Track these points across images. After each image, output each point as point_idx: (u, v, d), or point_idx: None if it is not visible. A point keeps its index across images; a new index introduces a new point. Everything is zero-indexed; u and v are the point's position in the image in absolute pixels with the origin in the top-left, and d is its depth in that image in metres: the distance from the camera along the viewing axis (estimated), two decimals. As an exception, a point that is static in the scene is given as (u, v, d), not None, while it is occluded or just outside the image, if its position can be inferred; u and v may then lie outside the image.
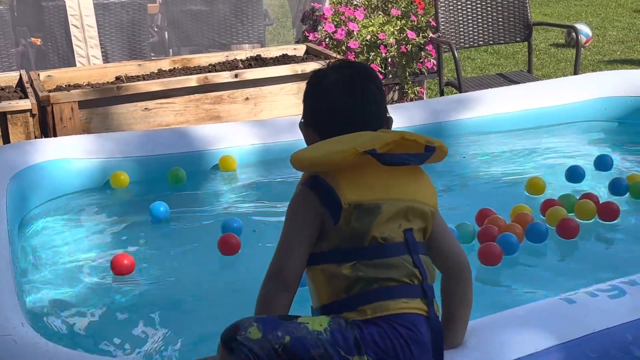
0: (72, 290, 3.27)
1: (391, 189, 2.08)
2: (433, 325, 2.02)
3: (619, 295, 2.40)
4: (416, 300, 2.02)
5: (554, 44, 9.17)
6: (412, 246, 2.06)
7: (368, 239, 2.04)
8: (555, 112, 5.03)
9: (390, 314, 1.98)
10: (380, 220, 2.04)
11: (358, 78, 2.16)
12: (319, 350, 1.94)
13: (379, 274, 2.01)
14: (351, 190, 2.05)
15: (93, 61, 5.87)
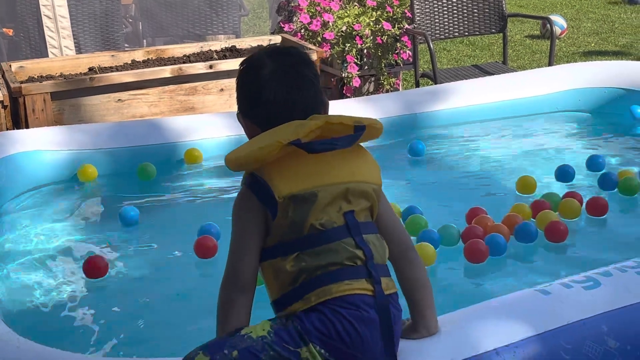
0: (44, 285, 3.23)
1: (325, 175, 2.06)
2: (380, 304, 2.00)
3: (594, 287, 2.41)
4: (360, 281, 2.01)
5: (529, 35, 9.21)
6: (353, 228, 2.05)
7: (307, 228, 2.03)
8: (530, 103, 5.05)
9: (333, 298, 1.97)
10: (317, 207, 2.03)
11: (294, 65, 2.13)
12: (267, 353, 1.95)
13: (321, 260, 2.01)
14: (284, 183, 2.04)
15: (66, 52, 5.79)
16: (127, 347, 2.75)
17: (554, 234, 3.36)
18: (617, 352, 2.30)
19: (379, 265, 2.06)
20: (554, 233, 3.36)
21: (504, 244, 3.27)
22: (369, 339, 1.99)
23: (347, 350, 1.97)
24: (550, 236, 3.37)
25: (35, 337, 2.42)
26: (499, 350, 2.13)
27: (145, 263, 3.42)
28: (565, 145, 4.68)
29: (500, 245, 3.25)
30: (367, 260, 2.03)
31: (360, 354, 1.98)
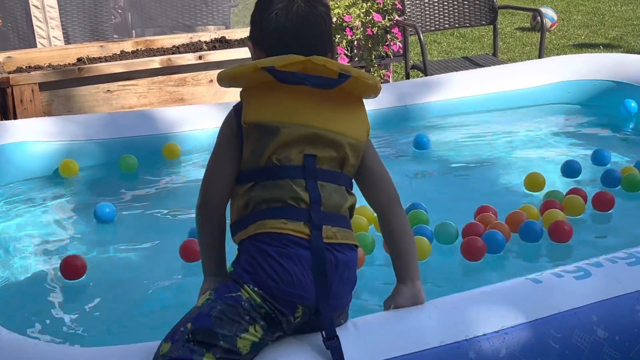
0: (30, 279, 3.21)
1: (296, 114, 2.10)
2: (315, 250, 2.03)
3: (584, 277, 2.41)
4: (297, 223, 2.04)
5: (520, 27, 9.22)
6: (309, 171, 2.07)
7: (264, 160, 2.08)
8: (520, 95, 5.05)
9: (266, 232, 2.03)
10: (278, 142, 2.07)
11: (310, 1, 2.16)
12: (215, 309, 1.99)
13: (267, 194, 2.06)
14: (252, 110, 2.09)
15: (54, 42, 5.76)
16: (107, 337, 2.73)
17: (558, 234, 3.22)
18: (606, 342, 2.30)
19: (328, 213, 2.08)
20: (559, 233, 3.22)
21: (502, 241, 3.14)
22: (299, 276, 2.02)
23: (277, 285, 2.01)
24: (554, 236, 3.23)
25: (12, 329, 2.40)
26: (488, 335, 2.14)
27: (130, 256, 3.40)
28: (559, 138, 4.68)
29: (498, 242, 3.12)
30: (311, 205, 2.05)
31: (293, 289, 2.01)
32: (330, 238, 2.07)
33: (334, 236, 2.07)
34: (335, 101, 2.14)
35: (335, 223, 2.09)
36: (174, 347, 1.95)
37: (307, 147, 2.09)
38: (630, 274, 2.47)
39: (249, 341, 1.99)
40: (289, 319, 2.03)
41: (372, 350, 2.07)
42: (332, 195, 2.10)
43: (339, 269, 2.07)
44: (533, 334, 2.18)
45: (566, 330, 2.25)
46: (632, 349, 2.35)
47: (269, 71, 2.06)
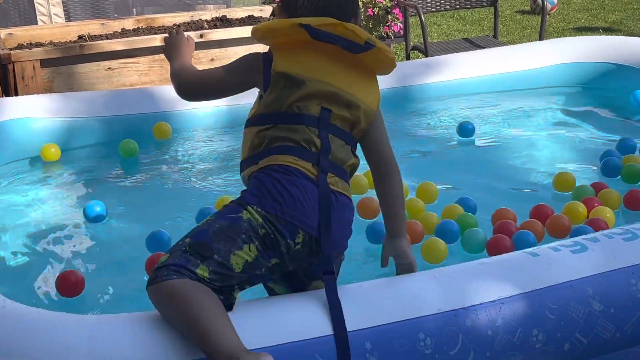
0: (39, 252, 3.24)
1: (321, 71, 2.27)
2: (321, 191, 2.16)
3: (581, 251, 2.44)
4: (307, 163, 2.19)
5: (520, 10, 9.21)
6: (323, 122, 2.23)
7: (286, 106, 2.23)
8: (520, 77, 5.06)
9: (274, 164, 2.19)
10: (301, 93, 2.23)
11: None
12: (213, 227, 2.12)
13: (283, 134, 2.22)
14: (283, 61, 2.26)
15: (55, 20, 5.76)
16: (115, 307, 2.77)
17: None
18: (601, 314, 2.34)
19: (334, 163, 2.23)
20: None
21: (533, 243, 2.94)
22: (304, 203, 2.14)
23: (281, 207, 2.12)
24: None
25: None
26: (485, 304, 2.18)
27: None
28: (559, 120, 4.69)
29: (529, 244, 2.90)
30: (321, 151, 2.21)
31: (296, 212, 2.13)
32: (333, 185, 2.21)
33: (336, 184, 2.22)
34: (356, 69, 2.30)
35: (338, 174, 2.24)
36: (171, 256, 2.07)
37: (325, 102, 2.24)
38: (627, 248, 2.50)
39: (242, 259, 2.08)
40: (289, 242, 2.12)
41: (370, 315, 2.11)
42: (339, 149, 2.25)
43: (340, 210, 2.20)
44: (529, 304, 2.22)
45: (562, 301, 2.28)
46: (627, 322, 2.38)
47: (305, 28, 2.22)
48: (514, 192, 3.68)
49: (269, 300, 2.22)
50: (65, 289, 2.81)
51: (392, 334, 2.09)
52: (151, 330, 2.05)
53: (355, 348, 2.06)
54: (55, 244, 3.29)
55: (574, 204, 3.27)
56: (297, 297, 2.21)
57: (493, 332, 2.19)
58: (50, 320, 2.17)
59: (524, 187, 3.74)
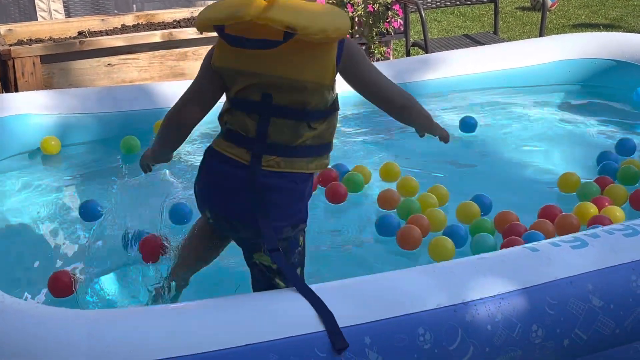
0: (33, 246, 3.24)
1: (253, 62, 2.28)
2: (249, 175, 2.31)
3: (581, 247, 2.44)
4: (240, 149, 2.33)
5: (520, 7, 9.20)
6: (263, 108, 2.30)
7: (233, 94, 2.33)
8: (520, 73, 5.06)
9: (217, 150, 2.37)
10: (239, 85, 2.30)
11: None
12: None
13: (230, 119, 2.35)
14: (219, 56, 2.33)
15: (55, 16, 5.75)
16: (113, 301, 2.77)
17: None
18: (601, 310, 2.34)
19: (276, 145, 2.32)
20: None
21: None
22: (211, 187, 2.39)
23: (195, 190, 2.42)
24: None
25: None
26: (485, 300, 2.18)
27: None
28: (559, 116, 4.69)
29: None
30: (257, 136, 2.31)
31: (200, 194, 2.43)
32: (272, 167, 2.32)
33: (276, 165, 2.32)
34: (295, 47, 2.24)
35: (282, 154, 2.32)
36: None
37: (267, 88, 2.29)
38: (627, 244, 2.51)
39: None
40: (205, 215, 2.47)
41: (369, 310, 2.11)
42: (283, 131, 2.31)
43: (271, 188, 2.31)
44: (529, 300, 2.22)
45: (562, 297, 2.28)
46: (626, 318, 2.38)
47: (217, 33, 2.27)
48: (518, 189, 3.67)
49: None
50: (57, 290, 2.79)
51: (392, 329, 2.10)
52: (150, 324, 2.05)
53: (354, 343, 2.06)
54: (53, 239, 3.30)
55: (585, 204, 3.24)
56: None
57: (492, 327, 2.19)
58: (49, 315, 2.18)
59: (526, 183, 3.74)
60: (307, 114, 2.31)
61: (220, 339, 2.03)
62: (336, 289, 2.23)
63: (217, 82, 2.35)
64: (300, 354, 2.02)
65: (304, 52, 2.26)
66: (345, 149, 4.22)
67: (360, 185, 3.65)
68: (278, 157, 2.31)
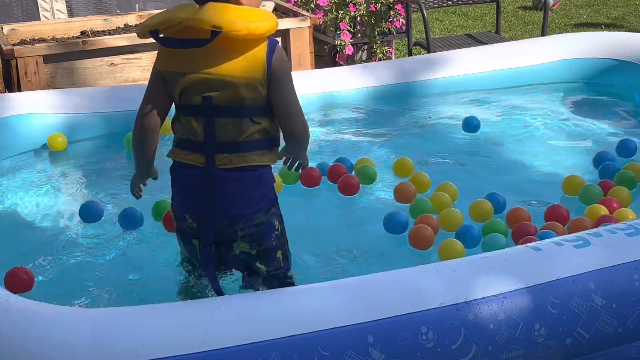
0: (37, 244, 3.25)
1: (188, 63, 2.42)
2: (206, 174, 2.44)
3: (584, 246, 2.45)
4: (195, 154, 2.46)
5: (522, 6, 9.20)
6: (205, 110, 2.42)
7: (177, 99, 2.47)
8: (522, 72, 5.06)
9: (177, 161, 2.51)
10: (179, 86, 2.43)
11: None
12: None
13: (179, 127, 2.50)
14: (158, 60, 2.48)
15: (58, 15, 5.76)
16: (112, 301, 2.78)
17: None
18: (603, 309, 2.34)
19: (223, 144, 2.44)
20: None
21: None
22: (185, 192, 2.51)
23: (173, 202, 2.57)
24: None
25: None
26: (487, 299, 2.18)
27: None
28: (562, 115, 4.69)
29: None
30: (206, 138, 2.43)
31: (178, 202, 2.55)
32: (225, 164, 2.44)
33: (229, 162, 2.44)
34: (225, 46, 2.38)
35: (232, 151, 2.44)
36: None
37: (205, 89, 2.41)
38: (629, 244, 2.51)
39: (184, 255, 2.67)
40: (185, 224, 2.53)
41: (373, 308, 2.11)
42: (228, 129, 2.43)
43: (226, 183, 2.44)
44: (531, 299, 2.23)
45: (564, 296, 2.29)
46: (629, 317, 2.39)
47: (153, 37, 2.43)
48: (520, 189, 3.67)
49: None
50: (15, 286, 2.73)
51: (395, 328, 2.10)
52: (153, 322, 2.06)
53: (358, 341, 2.07)
54: (56, 238, 3.30)
55: (596, 207, 3.23)
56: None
57: (495, 326, 2.20)
58: (53, 314, 2.19)
59: (529, 184, 3.74)
60: (247, 110, 2.43)
61: (226, 337, 2.04)
62: (339, 287, 2.23)
63: (165, 85, 2.47)
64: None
65: (232, 50, 2.39)
66: (345, 144, 4.23)
67: (373, 177, 3.68)
68: (229, 154, 2.44)
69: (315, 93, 4.62)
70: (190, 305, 2.23)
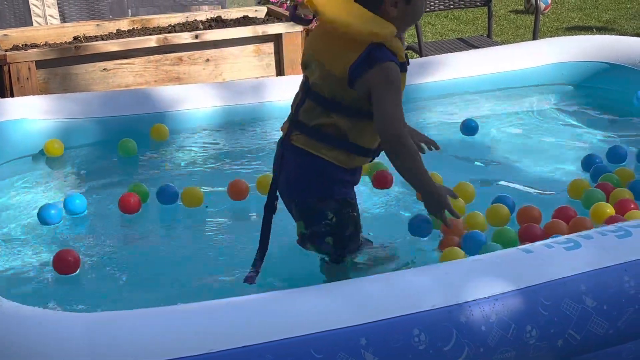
0: (21, 251, 3.26)
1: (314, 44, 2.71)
2: (282, 142, 2.76)
3: (574, 248, 2.46)
4: (286, 123, 2.76)
5: (514, 10, 9.24)
6: (304, 87, 2.71)
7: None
8: (514, 76, 5.08)
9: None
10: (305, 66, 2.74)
11: None
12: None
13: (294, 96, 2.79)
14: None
15: (50, 21, 5.77)
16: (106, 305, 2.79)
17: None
18: (594, 311, 2.36)
19: (301, 123, 2.68)
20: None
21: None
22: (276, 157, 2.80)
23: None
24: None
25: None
26: (479, 301, 2.20)
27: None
28: (554, 117, 4.71)
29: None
30: (294, 112, 2.72)
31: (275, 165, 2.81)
32: (295, 141, 2.69)
33: (297, 140, 2.68)
34: (327, 33, 2.63)
35: (303, 132, 2.68)
36: None
37: (308, 70, 2.70)
38: (619, 246, 2.53)
39: None
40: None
41: (366, 311, 2.13)
42: (306, 111, 2.67)
43: (289, 162, 2.71)
44: (523, 301, 2.24)
45: (555, 298, 2.30)
46: (619, 318, 2.41)
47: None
48: (519, 192, 3.67)
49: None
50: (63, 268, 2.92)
51: (388, 330, 2.12)
52: (149, 326, 2.07)
53: (350, 344, 2.08)
54: (45, 242, 3.30)
55: (603, 205, 3.20)
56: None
57: (487, 328, 2.21)
58: (47, 318, 2.19)
59: (526, 185, 3.75)
60: (325, 101, 2.61)
61: (220, 341, 2.05)
62: (332, 290, 2.25)
63: None
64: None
65: (330, 40, 2.61)
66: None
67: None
68: (300, 134, 2.67)
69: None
70: (184, 309, 2.23)
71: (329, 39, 2.61)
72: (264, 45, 5.25)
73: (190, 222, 3.48)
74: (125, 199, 3.47)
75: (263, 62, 5.27)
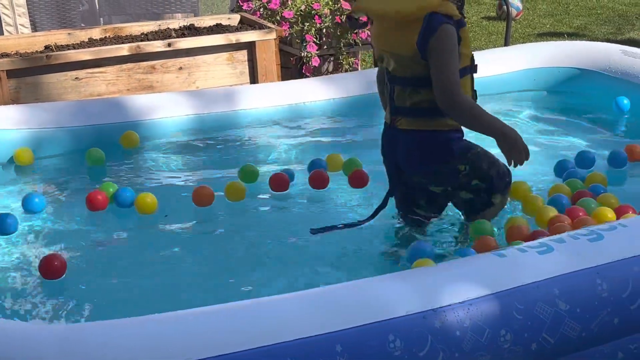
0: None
1: (377, 40, 3.05)
2: (390, 127, 3.10)
3: (547, 252, 2.48)
4: (387, 114, 3.10)
5: (486, 17, 9.31)
6: (388, 77, 3.02)
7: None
8: (486, 82, 5.09)
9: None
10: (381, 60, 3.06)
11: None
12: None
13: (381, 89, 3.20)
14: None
15: (21, 30, 5.71)
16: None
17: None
18: (567, 314, 2.38)
19: (399, 107, 3.02)
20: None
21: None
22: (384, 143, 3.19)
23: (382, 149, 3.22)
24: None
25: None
26: (453, 306, 2.21)
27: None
28: (526, 123, 4.75)
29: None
30: (389, 101, 3.05)
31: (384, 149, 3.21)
32: (399, 125, 3.05)
33: (401, 124, 3.04)
34: (388, 26, 2.97)
35: (404, 115, 3.02)
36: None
37: (385, 63, 3.03)
38: (591, 249, 2.55)
39: None
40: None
41: (341, 318, 2.12)
42: (400, 95, 3.00)
43: (402, 144, 3.07)
44: (497, 305, 2.26)
45: (529, 302, 2.32)
46: (592, 321, 2.43)
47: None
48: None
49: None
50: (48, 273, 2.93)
51: (362, 337, 2.12)
52: (121, 337, 2.05)
53: (325, 351, 2.08)
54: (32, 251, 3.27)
55: (604, 209, 3.21)
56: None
57: (461, 332, 2.22)
58: (19, 331, 2.17)
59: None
60: (409, 81, 2.93)
61: (195, 350, 2.04)
62: (306, 297, 2.24)
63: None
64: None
65: (389, 31, 2.96)
66: (314, 155, 4.23)
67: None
68: (401, 117, 3.00)
69: (282, 105, 4.63)
70: (160, 319, 2.22)
71: (388, 30, 2.95)
72: (237, 53, 5.24)
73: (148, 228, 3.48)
74: (93, 197, 3.55)
75: (237, 70, 5.27)
